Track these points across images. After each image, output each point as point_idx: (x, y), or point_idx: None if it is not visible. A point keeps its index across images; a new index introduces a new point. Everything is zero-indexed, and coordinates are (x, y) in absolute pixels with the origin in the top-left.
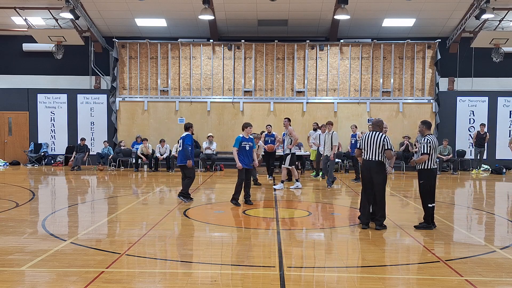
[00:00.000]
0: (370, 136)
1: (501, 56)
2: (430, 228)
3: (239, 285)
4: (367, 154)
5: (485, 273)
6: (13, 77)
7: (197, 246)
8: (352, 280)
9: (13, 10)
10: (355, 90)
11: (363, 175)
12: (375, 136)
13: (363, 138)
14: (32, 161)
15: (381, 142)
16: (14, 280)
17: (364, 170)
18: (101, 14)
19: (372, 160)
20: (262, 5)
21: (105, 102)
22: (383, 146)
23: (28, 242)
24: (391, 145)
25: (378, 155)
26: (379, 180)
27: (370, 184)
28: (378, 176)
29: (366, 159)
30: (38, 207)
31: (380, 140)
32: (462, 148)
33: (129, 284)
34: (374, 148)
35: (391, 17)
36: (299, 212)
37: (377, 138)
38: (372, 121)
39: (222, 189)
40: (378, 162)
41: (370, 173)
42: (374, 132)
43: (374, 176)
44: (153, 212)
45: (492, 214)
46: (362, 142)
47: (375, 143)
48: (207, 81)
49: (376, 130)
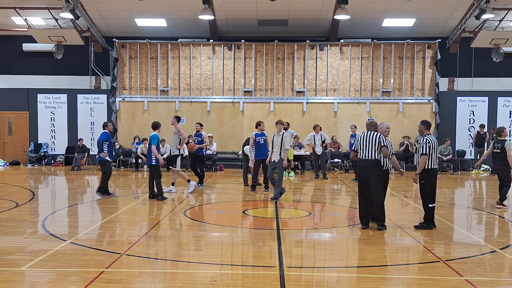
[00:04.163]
0: (366, 135)
1: (501, 56)
2: (430, 228)
3: (239, 285)
4: (363, 154)
5: (485, 273)
6: (13, 77)
7: (197, 246)
8: (352, 280)
9: (13, 10)
10: (355, 90)
11: (360, 175)
12: (370, 135)
13: (358, 138)
14: (32, 161)
15: (377, 140)
16: (14, 280)
17: (360, 170)
18: (101, 14)
19: (368, 159)
20: (262, 5)
21: (105, 102)
22: (379, 144)
23: (28, 242)
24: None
25: (374, 153)
26: (375, 178)
27: (367, 184)
28: (374, 175)
29: (362, 158)
30: (38, 207)
31: (375, 138)
32: (462, 148)
33: (129, 284)
34: (369, 147)
35: (391, 17)
36: (299, 212)
37: (373, 137)
38: (367, 122)
39: (222, 189)
40: (374, 160)
41: (366, 172)
42: (369, 132)
43: (370, 175)
44: (153, 212)
45: (492, 214)
46: (357, 142)
47: (371, 141)
48: (207, 81)
49: (370, 130)
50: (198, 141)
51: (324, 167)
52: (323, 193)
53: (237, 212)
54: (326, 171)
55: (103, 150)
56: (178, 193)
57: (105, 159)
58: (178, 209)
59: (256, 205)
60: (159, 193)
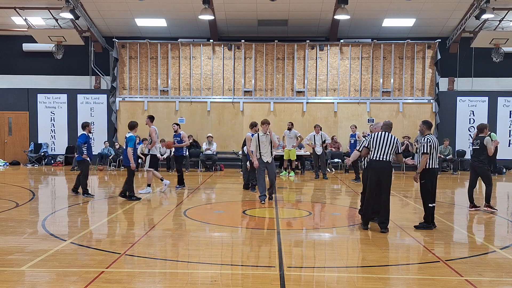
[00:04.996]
0: (382, 136)
1: (501, 56)
2: (430, 228)
3: (239, 285)
4: (377, 154)
5: (485, 273)
6: (13, 77)
7: (197, 246)
8: (352, 280)
9: (13, 10)
10: (355, 90)
11: (370, 176)
12: (388, 136)
13: (373, 137)
14: (32, 161)
15: (395, 144)
16: (14, 280)
17: (371, 170)
18: (101, 14)
19: (383, 161)
20: (262, 5)
21: (105, 102)
22: (395, 148)
23: (28, 242)
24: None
25: (389, 155)
26: (387, 181)
27: (376, 185)
28: (387, 177)
29: (376, 159)
30: (38, 207)
31: (393, 141)
32: (462, 148)
33: (129, 284)
34: (386, 149)
35: (391, 17)
36: (299, 212)
37: (391, 139)
38: (384, 122)
39: (222, 189)
40: (388, 162)
41: (378, 174)
42: (385, 133)
43: (384, 177)
44: (153, 212)
45: (492, 214)
46: (372, 141)
47: (388, 143)
48: (207, 81)
49: (386, 131)
50: (178, 141)
51: (324, 167)
52: (323, 193)
53: (237, 212)
54: (326, 171)
55: (83, 152)
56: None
57: (85, 159)
58: (178, 209)
59: (256, 205)
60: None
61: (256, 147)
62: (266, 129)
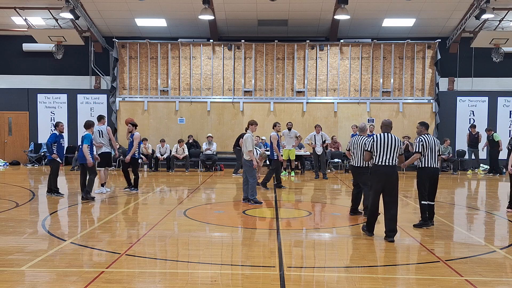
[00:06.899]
0: (385, 138)
1: (501, 56)
2: (427, 225)
3: (239, 285)
4: (383, 158)
5: (485, 273)
6: (13, 77)
7: (197, 246)
8: (352, 280)
9: (13, 10)
10: (355, 90)
11: (380, 181)
12: (391, 138)
13: (376, 140)
14: (32, 161)
15: (398, 145)
16: (14, 280)
17: (377, 176)
18: (101, 14)
19: (390, 165)
20: (262, 5)
21: (105, 102)
22: (399, 150)
23: (28, 242)
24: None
25: (395, 159)
26: (396, 188)
27: (385, 191)
28: (396, 184)
29: (384, 164)
30: (38, 207)
31: (397, 143)
32: (462, 148)
33: (129, 284)
34: (391, 152)
35: (391, 17)
36: (299, 212)
37: (394, 140)
38: (383, 122)
39: (222, 189)
40: (395, 167)
41: (386, 180)
42: (387, 134)
43: (392, 184)
44: (153, 212)
45: (492, 214)
46: (375, 144)
47: (393, 146)
48: (207, 81)
49: (387, 131)
50: (130, 142)
51: (324, 167)
52: (323, 193)
53: (237, 212)
54: (326, 171)
55: (53, 151)
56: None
57: (56, 160)
58: (178, 209)
59: (256, 205)
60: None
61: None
62: (252, 130)
